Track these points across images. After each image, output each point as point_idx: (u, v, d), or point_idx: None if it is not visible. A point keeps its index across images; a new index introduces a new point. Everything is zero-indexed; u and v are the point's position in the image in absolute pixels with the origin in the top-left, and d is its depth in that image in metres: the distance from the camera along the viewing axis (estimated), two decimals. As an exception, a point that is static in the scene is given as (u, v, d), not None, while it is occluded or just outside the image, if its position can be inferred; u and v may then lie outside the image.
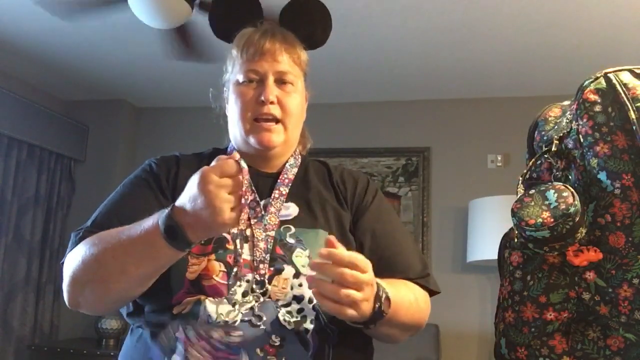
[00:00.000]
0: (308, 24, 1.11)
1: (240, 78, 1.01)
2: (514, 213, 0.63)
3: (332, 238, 0.77)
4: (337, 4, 1.13)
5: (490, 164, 3.56)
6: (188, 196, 0.77)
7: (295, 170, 1.06)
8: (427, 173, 3.60)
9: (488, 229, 3.02)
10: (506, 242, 0.71)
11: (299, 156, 1.10)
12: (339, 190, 1.05)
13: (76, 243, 0.91)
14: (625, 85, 0.63)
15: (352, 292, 0.74)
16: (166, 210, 0.78)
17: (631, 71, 0.65)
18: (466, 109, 3.67)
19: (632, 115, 0.60)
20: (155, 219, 0.79)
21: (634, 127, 0.60)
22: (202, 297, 0.87)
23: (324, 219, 0.98)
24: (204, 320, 0.85)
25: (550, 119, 0.73)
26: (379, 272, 0.97)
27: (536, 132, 0.74)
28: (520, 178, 0.70)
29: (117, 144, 4.03)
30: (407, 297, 0.91)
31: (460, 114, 3.68)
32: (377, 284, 0.81)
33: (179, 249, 0.79)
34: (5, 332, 3.39)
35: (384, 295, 0.81)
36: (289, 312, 0.87)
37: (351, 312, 0.75)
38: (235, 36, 1.06)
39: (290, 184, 1.02)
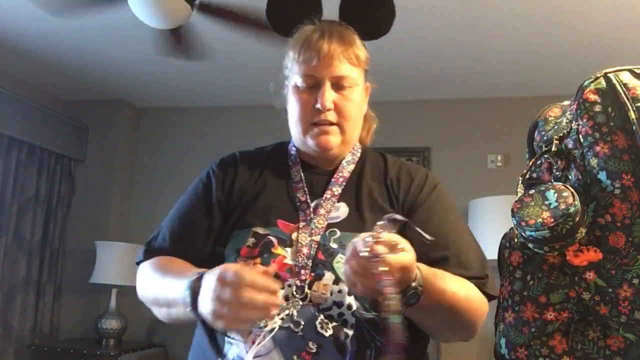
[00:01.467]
0: (369, 14, 1.08)
1: (298, 82, 1.01)
2: (514, 213, 0.63)
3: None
4: (336, 4, 1.13)
5: (490, 164, 3.56)
6: (206, 286, 0.79)
7: (351, 167, 1.05)
8: (427, 173, 3.59)
9: (488, 229, 3.02)
10: (506, 242, 0.71)
11: (358, 151, 1.09)
12: (392, 189, 1.02)
13: (143, 258, 1.03)
14: (625, 85, 0.63)
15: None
16: (191, 279, 0.83)
17: (631, 71, 0.64)
18: (466, 109, 3.67)
19: (632, 115, 0.60)
20: (183, 284, 0.84)
21: (634, 127, 0.60)
22: None
23: (371, 221, 0.95)
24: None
25: (550, 119, 0.73)
26: None
27: (536, 132, 0.74)
28: (520, 178, 0.70)
29: (117, 144, 4.03)
30: (455, 290, 0.86)
31: (460, 114, 3.68)
32: (418, 267, 0.80)
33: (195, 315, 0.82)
34: (5, 332, 3.39)
35: (420, 278, 0.79)
36: (330, 317, 0.86)
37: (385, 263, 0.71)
38: (293, 31, 1.05)
39: (344, 183, 1.01)
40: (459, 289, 0.88)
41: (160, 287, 0.92)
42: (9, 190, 3.42)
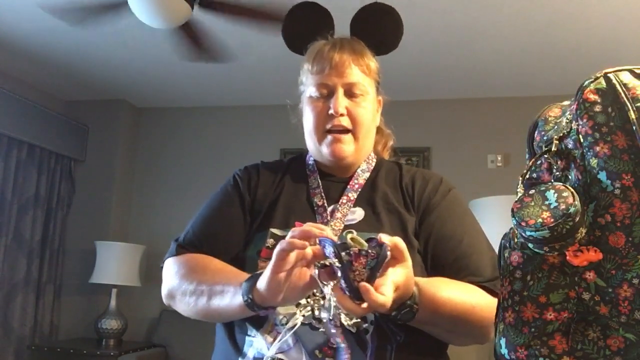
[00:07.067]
0: (379, 31, 1.12)
1: (312, 92, 1.05)
2: (514, 213, 0.63)
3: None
4: (336, 4, 1.13)
5: (490, 164, 3.56)
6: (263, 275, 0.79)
7: (366, 175, 1.08)
8: (427, 173, 3.60)
9: (488, 229, 3.01)
10: (506, 242, 0.71)
11: (373, 160, 1.12)
12: (407, 194, 1.04)
13: (173, 254, 1.02)
14: (625, 85, 0.63)
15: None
16: (247, 283, 0.83)
17: (631, 71, 0.64)
18: (466, 109, 3.67)
19: (632, 115, 0.60)
20: (238, 290, 0.84)
21: (634, 127, 0.60)
22: None
23: (388, 223, 0.98)
24: (271, 322, 0.89)
25: (550, 119, 0.73)
26: (445, 276, 0.95)
27: (536, 132, 0.74)
28: (520, 178, 0.70)
29: (117, 144, 4.03)
30: (459, 300, 0.87)
31: (460, 114, 3.68)
32: (416, 283, 0.81)
33: (255, 312, 0.83)
34: (5, 332, 3.39)
35: (416, 294, 0.81)
36: (349, 314, 0.87)
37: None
38: (307, 47, 1.09)
39: (359, 190, 1.04)
40: (464, 298, 0.88)
41: (205, 276, 0.92)
42: (9, 190, 3.42)
